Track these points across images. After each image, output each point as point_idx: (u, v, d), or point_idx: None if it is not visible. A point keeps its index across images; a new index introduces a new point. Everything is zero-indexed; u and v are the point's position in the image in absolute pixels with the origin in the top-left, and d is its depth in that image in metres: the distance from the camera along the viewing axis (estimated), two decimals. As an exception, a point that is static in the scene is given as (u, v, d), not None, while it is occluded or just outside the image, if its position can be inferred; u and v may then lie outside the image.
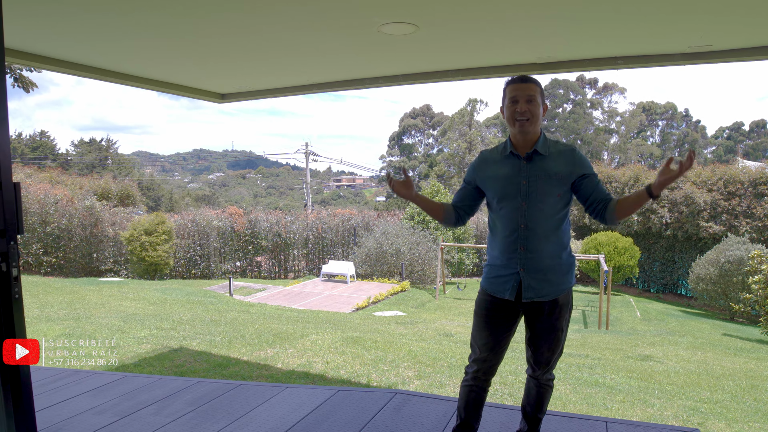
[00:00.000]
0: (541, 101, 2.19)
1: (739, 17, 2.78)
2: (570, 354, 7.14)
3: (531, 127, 2.16)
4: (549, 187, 2.16)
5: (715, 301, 14.96)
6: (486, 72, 3.92)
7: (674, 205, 18.21)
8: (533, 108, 2.15)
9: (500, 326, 2.31)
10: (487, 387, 2.43)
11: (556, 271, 2.22)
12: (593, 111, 50.42)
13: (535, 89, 2.16)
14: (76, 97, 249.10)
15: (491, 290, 2.31)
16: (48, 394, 3.47)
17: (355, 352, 5.79)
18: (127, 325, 7.05)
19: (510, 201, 2.20)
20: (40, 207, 15.92)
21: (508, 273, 2.24)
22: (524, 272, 2.20)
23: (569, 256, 2.27)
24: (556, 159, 2.18)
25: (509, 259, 2.23)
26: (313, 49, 3.52)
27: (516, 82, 2.19)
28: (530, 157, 2.19)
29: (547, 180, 2.16)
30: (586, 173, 2.18)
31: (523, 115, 2.14)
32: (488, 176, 2.28)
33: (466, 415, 2.43)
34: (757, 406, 4.73)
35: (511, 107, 2.18)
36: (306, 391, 3.56)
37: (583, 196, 2.20)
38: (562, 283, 2.23)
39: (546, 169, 2.17)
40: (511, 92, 2.18)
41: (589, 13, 2.82)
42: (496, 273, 2.28)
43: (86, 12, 2.80)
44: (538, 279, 2.19)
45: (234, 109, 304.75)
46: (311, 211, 22.94)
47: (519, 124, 2.16)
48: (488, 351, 2.34)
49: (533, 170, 2.18)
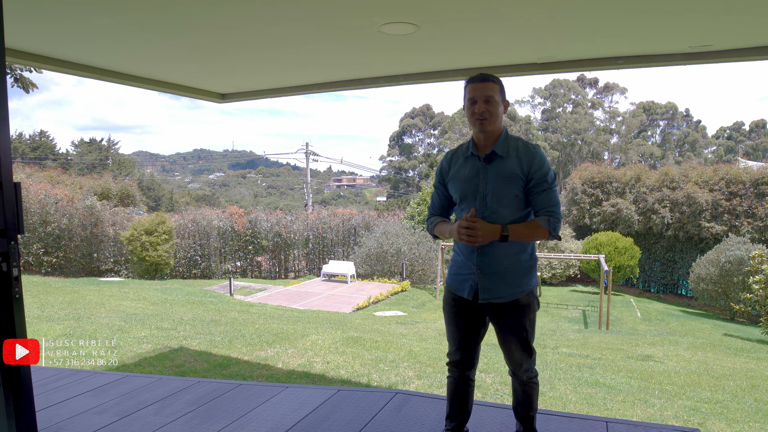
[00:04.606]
0: (501, 99, 2.18)
1: (739, 17, 2.78)
2: (570, 354, 7.14)
3: (490, 126, 2.16)
4: (506, 188, 2.15)
5: (716, 301, 14.95)
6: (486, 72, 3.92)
7: (675, 205, 18.19)
8: (491, 107, 2.14)
9: (464, 322, 2.33)
10: (468, 379, 2.44)
11: (515, 273, 2.20)
12: (594, 111, 50.38)
13: (493, 88, 2.15)
14: (77, 97, 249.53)
15: (452, 287, 2.34)
16: (48, 394, 3.47)
17: (356, 352, 5.79)
18: (127, 325, 7.05)
19: (469, 202, 2.20)
20: (41, 207, 15.93)
21: (467, 272, 2.25)
22: (480, 274, 2.20)
23: (530, 258, 2.24)
24: (513, 159, 2.16)
25: (468, 258, 2.24)
26: (313, 49, 3.52)
27: (474, 82, 2.17)
28: (489, 158, 2.18)
29: (503, 181, 2.15)
30: (534, 177, 2.14)
31: (481, 115, 2.14)
32: (452, 176, 2.29)
33: (451, 409, 2.48)
34: (757, 406, 4.72)
35: (470, 107, 2.17)
36: (306, 391, 3.56)
37: (528, 199, 2.18)
38: (521, 284, 2.21)
39: (503, 170, 2.16)
40: (469, 92, 2.17)
41: (589, 13, 2.82)
42: (457, 271, 2.31)
43: (86, 12, 2.81)
44: (495, 281, 2.19)
45: (234, 109, 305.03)
46: (311, 211, 22.94)
47: (478, 124, 2.16)
48: (456, 346, 2.38)
49: (491, 171, 2.17)
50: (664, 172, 19.60)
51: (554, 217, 2.13)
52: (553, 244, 18.78)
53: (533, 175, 2.14)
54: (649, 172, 20.44)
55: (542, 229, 2.12)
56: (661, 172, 19.92)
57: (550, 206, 2.13)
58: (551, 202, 2.14)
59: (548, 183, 2.14)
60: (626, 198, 19.55)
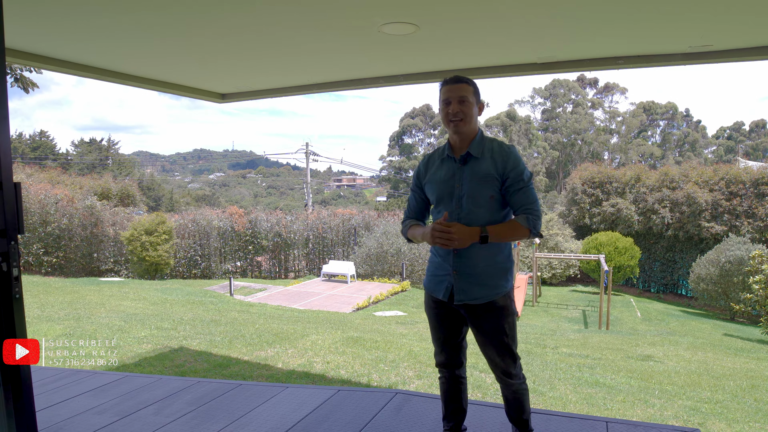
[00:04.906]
0: (476, 100, 2.18)
1: (739, 17, 2.78)
2: (570, 354, 7.14)
3: (465, 127, 2.16)
4: (481, 190, 2.14)
5: (716, 301, 14.95)
6: (486, 72, 3.93)
7: (675, 205, 18.19)
8: (465, 108, 2.14)
9: (446, 323, 2.33)
10: (459, 377, 2.44)
11: (492, 274, 2.18)
12: (594, 111, 50.40)
13: (467, 89, 2.15)
14: (77, 97, 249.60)
15: (429, 289, 2.34)
16: (48, 394, 3.47)
17: (356, 352, 5.79)
18: (127, 325, 7.05)
19: (446, 204, 2.19)
20: (41, 207, 15.93)
21: (443, 274, 2.25)
22: (456, 275, 2.19)
23: (506, 260, 2.23)
24: (488, 161, 2.15)
25: (444, 260, 2.23)
26: (313, 49, 3.52)
27: (448, 84, 2.17)
28: (464, 159, 2.18)
29: (478, 183, 2.14)
30: (510, 176, 2.12)
31: (455, 116, 2.14)
32: (429, 179, 2.28)
33: (446, 409, 2.49)
34: (757, 406, 4.73)
35: (444, 109, 2.17)
36: (306, 391, 3.56)
37: (506, 200, 2.17)
38: (497, 286, 2.19)
39: (478, 171, 2.15)
40: (444, 94, 2.18)
41: (589, 13, 2.82)
42: (433, 272, 2.31)
43: (86, 12, 2.81)
44: (471, 282, 2.17)
45: (234, 109, 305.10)
46: (312, 211, 22.94)
47: (453, 125, 2.15)
48: (440, 347, 2.39)
49: (466, 173, 2.17)
50: (664, 172, 19.61)
51: (533, 215, 2.11)
52: (553, 243, 18.78)
53: (509, 174, 2.12)
54: (649, 172, 20.46)
55: (522, 228, 2.10)
56: (661, 172, 19.93)
57: (528, 204, 2.12)
58: (529, 199, 2.12)
59: (524, 181, 2.12)
60: (626, 198, 19.55)
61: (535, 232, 2.11)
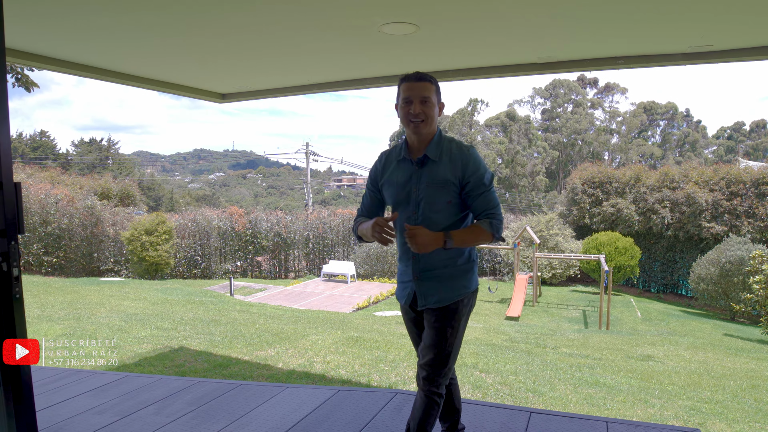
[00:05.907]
0: (437, 100, 2.10)
1: (739, 17, 2.78)
2: (570, 354, 7.14)
3: (426, 129, 2.08)
4: (438, 194, 2.07)
5: (716, 301, 14.94)
6: (486, 72, 3.93)
7: (675, 205, 18.18)
8: (427, 109, 2.06)
9: (419, 328, 2.28)
10: None
11: (454, 277, 2.13)
12: (594, 111, 50.41)
13: (430, 89, 2.07)
14: (77, 97, 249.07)
15: (397, 295, 2.32)
16: (48, 393, 3.47)
17: (356, 352, 5.79)
18: (127, 324, 7.05)
19: (403, 209, 2.13)
20: (41, 207, 15.94)
21: (407, 280, 2.21)
22: (418, 281, 2.15)
23: (468, 262, 2.17)
24: (446, 164, 2.07)
25: (406, 266, 2.20)
26: (313, 49, 3.52)
27: (410, 81, 2.07)
28: (422, 162, 2.10)
29: (436, 187, 2.07)
30: (470, 181, 2.05)
31: (417, 117, 2.05)
32: (386, 180, 2.20)
33: None
34: (757, 406, 4.73)
35: (404, 108, 2.08)
36: (306, 391, 3.56)
37: (466, 204, 2.10)
38: (459, 288, 2.14)
39: (435, 176, 2.07)
40: (405, 91, 2.08)
41: (589, 13, 2.82)
42: (400, 278, 2.28)
43: (86, 12, 2.81)
44: (431, 287, 2.13)
45: (234, 109, 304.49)
46: (312, 211, 22.94)
47: (413, 126, 2.07)
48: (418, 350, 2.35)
49: (423, 177, 2.09)
50: (664, 172, 19.59)
51: (496, 219, 2.06)
52: (553, 243, 18.78)
53: (469, 179, 2.05)
54: (649, 172, 20.42)
55: (485, 233, 2.05)
56: (661, 172, 19.90)
57: (490, 209, 2.06)
58: (491, 204, 2.07)
59: (486, 185, 2.06)
60: (626, 198, 19.54)
61: (497, 236, 2.06)
